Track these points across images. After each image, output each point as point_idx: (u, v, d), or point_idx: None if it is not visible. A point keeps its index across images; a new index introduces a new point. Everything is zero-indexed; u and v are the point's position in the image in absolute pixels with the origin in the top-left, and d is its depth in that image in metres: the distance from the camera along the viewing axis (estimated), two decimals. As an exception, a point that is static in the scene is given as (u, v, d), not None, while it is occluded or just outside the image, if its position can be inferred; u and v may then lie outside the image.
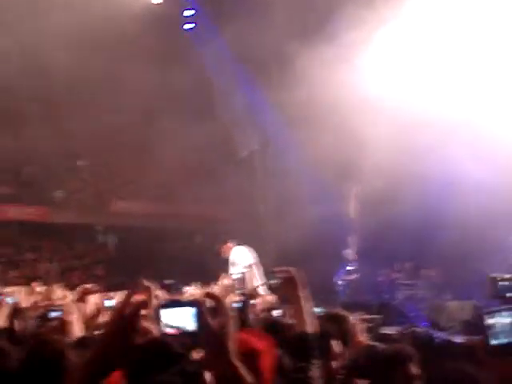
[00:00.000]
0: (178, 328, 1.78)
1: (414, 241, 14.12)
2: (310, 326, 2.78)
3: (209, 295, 1.97)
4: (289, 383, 2.53)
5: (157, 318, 1.83)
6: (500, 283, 2.41)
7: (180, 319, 1.77)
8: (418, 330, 4.70)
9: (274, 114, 19.00)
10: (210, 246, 17.44)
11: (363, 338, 4.14)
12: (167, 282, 9.69)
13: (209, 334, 1.82)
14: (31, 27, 14.99)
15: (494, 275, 2.41)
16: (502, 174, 10.95)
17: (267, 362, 2.66)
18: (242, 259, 10.89)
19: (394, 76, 13.01)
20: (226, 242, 11.18)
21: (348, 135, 13.79)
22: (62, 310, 4.72)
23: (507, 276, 2.38)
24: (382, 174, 13.86)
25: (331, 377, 3.07)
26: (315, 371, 2.55)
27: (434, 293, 14.78)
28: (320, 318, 4.76)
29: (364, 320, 4.96)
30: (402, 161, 12.69)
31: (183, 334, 1.81)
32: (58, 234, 21.13)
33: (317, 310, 4.73)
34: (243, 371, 1.86)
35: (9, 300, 5.26)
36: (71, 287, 11.74)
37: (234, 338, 1.85)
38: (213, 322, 1.83)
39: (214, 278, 9.09)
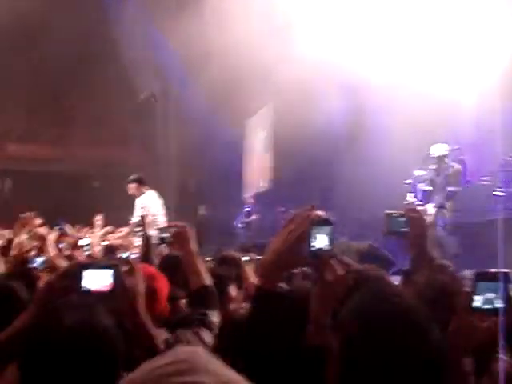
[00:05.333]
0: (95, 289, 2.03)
1: (317, 185, 14.40)
2: (206, 279, 2.88)
3: (123, 260, 2.24)
4: (186, 326, 2.62)
5: (77, 277, 2.01)
6: (395, 219, 2.55)
7: (98, 280, 2.02)
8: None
9: (174, 55, 18.70)
10: (109, 190, 17.25)
11: (255, 279, 4.21)
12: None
13: (122, 293, 2.05)
14: None
15: (389, 211, 2.56)
16: (399, 128, 11.17)
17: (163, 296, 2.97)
18: (152, 205, 10.46)
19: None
20: (141, 183, 10.58)
21: (243, 70, 13.73)
22: None
23: (401, 212, 2.53)
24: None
25: (228, 320, 3.20)
26: (213, 318, 2.67)
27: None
28: (215, 261, 4.81)
29: (257, 260, 5.01)
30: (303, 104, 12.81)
31: (101, 293, 2.04)
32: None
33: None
34: (151, 327, 2.11)
35: None
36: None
37: (143, 297, 2.12)
38: (127, 283, 2.07)
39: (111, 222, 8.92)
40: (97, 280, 2.00)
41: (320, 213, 1.77)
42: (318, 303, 1.69)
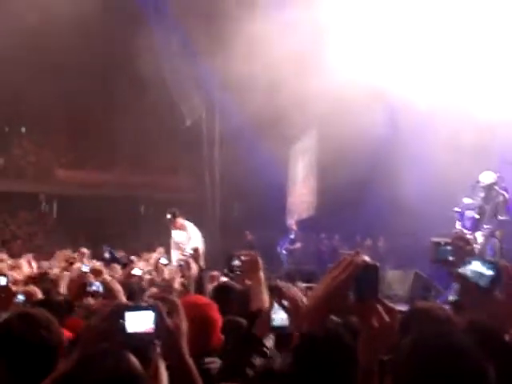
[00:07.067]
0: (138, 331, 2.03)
1: (360, 211, 14.27)
2: (267, 304, 2.93)
3: (164, 299, 2.15)
4: (247, 350, 2.68)
5: (119, 319, 2.01)
6: (442, 247, 2.53)
7: (140, 321, 2.02)
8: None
9: (218, 81, 18.85)
10: (155, 215, 17.43)
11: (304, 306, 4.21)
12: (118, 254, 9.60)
13: (165, 334, 2.02)
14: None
15: (436, 240, 2.55)
16: (442, 150, 11.04)
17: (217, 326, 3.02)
18: (195, 236, 10.51)
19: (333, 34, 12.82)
20: (177, 216, 10.66)
21: (287, 98, 13.72)
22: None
23: (448, 240, 2.53)
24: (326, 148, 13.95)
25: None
26: (268, 343, 2.73)
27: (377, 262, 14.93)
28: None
29: (308, 289, 5.01)
30: (343, 130, 12.75)
31: (143, 335, 2.04)
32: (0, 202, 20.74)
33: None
34: (194, 369, 2.05)
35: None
36: (13, 256, 11.63)
37: (185, 337, 2.07)
38: (169, 324, 2.03)
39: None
40: (139, 322, 2.01)
41: (366, 258, 1.74)
42: (366, 350, 1.67)
